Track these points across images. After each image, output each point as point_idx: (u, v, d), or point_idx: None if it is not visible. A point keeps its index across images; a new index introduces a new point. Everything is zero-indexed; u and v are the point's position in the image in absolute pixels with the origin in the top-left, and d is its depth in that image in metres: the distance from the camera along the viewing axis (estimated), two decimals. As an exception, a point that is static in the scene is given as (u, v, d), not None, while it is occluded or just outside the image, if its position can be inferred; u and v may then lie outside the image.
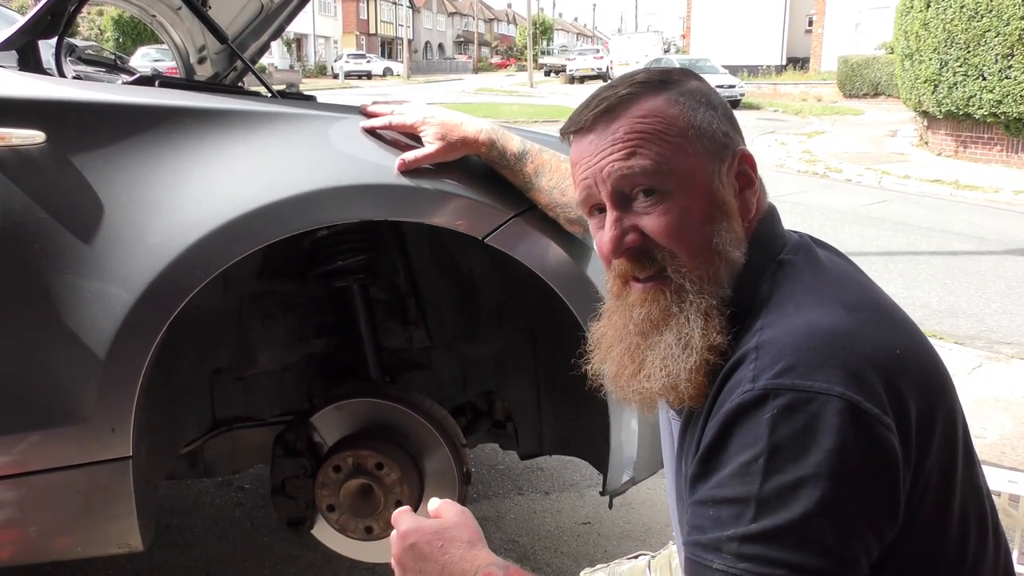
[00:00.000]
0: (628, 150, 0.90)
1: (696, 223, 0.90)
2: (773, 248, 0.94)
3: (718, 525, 0.80)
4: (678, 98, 0.93)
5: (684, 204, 0.90)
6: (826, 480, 0.76)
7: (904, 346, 0.85)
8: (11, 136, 1.36)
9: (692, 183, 0.91)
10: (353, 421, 1.73)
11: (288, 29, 2.73)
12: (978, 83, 10.10)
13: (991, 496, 0.94)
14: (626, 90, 0.93)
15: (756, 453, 0.79)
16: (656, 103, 0.92)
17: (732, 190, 0.94)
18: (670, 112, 0.92)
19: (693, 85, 0.96)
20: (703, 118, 0.93)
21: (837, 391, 0.78)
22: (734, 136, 0.96)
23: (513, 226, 1.49)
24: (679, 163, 0.90)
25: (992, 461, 2.65)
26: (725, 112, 0.96)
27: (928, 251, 6.27)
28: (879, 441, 0.78)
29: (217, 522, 2.34)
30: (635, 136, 0.90)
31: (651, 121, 0.91)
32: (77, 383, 1.38)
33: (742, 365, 0.84)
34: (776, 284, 0.90)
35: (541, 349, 1.86)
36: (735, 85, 21.60)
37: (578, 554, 2.18)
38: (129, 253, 1.38)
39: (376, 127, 1.51)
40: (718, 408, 0.84)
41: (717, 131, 0.93)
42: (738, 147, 0.95)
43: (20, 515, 1.44)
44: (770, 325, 0.85)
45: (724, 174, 0.93)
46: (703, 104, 0.94)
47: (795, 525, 0.76)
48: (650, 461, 1.66)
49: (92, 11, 25.95)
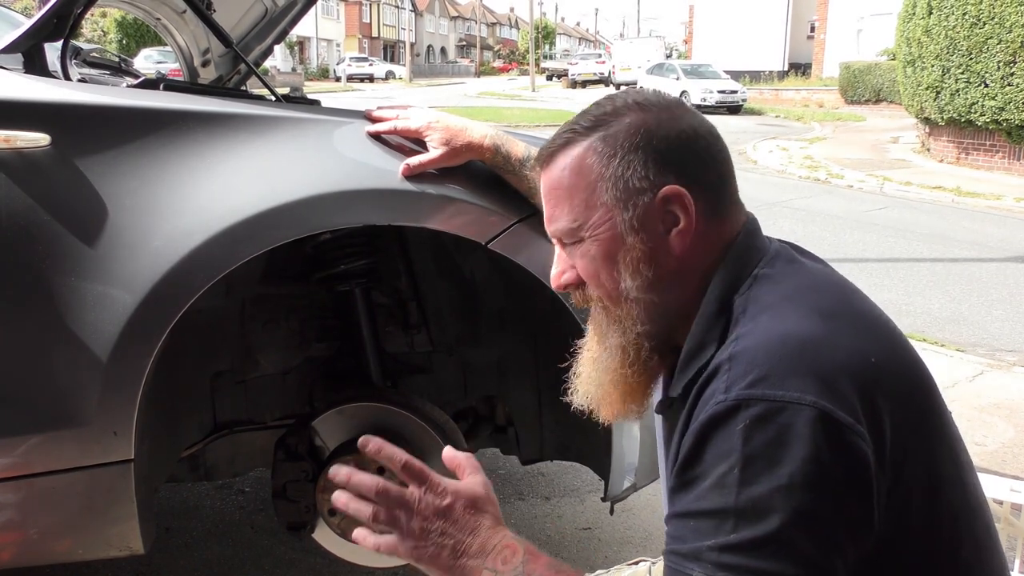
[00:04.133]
0: (550, 210, 0.98)
1: (604, 269, 0.95)
2: (748, 264, 0.94)
3: (698, 535, 0.81)
4: (598, 146, 0.94)
5: (594, 252, 0.96)
6: (800, 490, 0.77)
7: (880, 353, 0.85)
8: (16, 139, 1.36)
9: (599, 232, 0.95)
10: (355, 425, 1.72)
11: (291, 32, 2.73)
12: (980, 90, 10.11)
13: (987, 504, 0.94)
14: (563, 138, 0.97)
15: (731, 465, 0.79)
16: (576, 153, 0.95)
17: (653, 233, 0.93)
18: (585, 164, 0.95)
19: (624, 124, 0.94)
20: (617, 165, 0.93)
21: (809, 400, 0.78)
22: (659, 176, 0.92)
23: (516, 231, 1.49)
24: (588, 215, 0.95)
25: (994, 469, 2.65)
26: (657, 150, 0.93)
27: (929, 258, 6.27)
28: (851, 450, 0.79)
29: (217, 525, 2.34)
30: (555, 193, 0.98)
31: (567, 175, 0.96)
32: (79, 386, 1.38)
33: (716, 377, 0.84)
34: (751, 298, 0.90)
35: (542, 354, 1.86)
36: (737, 90, 21.64)
37: (579, 560, 2.18)
38: (132, 256, 1.38)
39: (380, 131, 1.51)
40: (694, 420, 0.85)
41: (632, 178, 0.92)
42: (661, 189, 0.92)
43: (21, 517, 1.44)
44: (744, 336, 0.86)
45: (638, 219, 0.92)
46: (623, 148, 0.93)
47: (773, 535, 0.77)
48: (651, 467, 1.66)
49: (95, 13, 25.98)
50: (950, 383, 3.58)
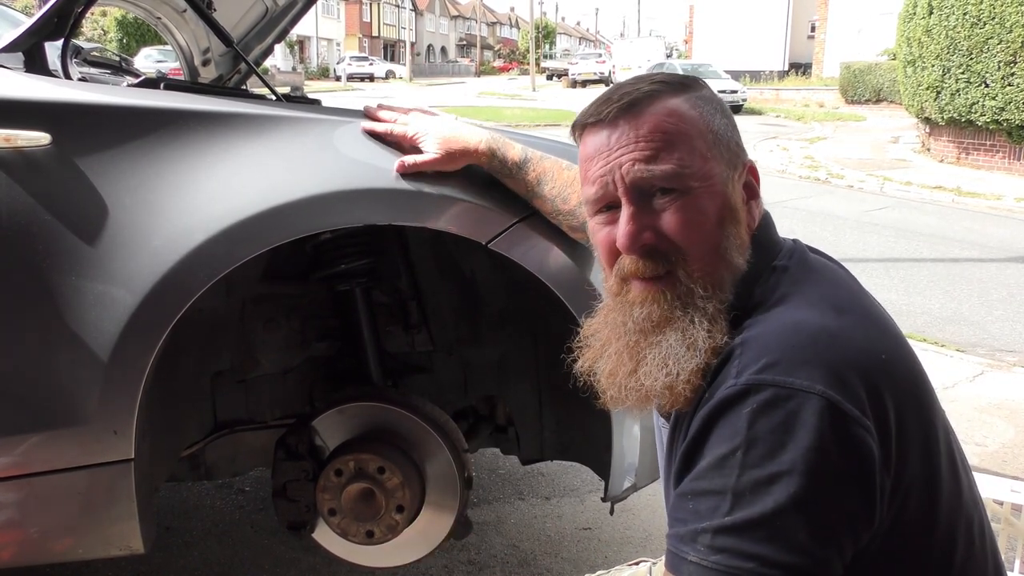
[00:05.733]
0: (652, 150, 0.90)
1: (710, 225, 0.91)
2: (769, 254, 0.96)
3: (696, 517, 0.81)
4: (697, 102, 0.94)
5: (701, 205, 0.91)
6: (801, 477, 0.77)
7: (890, 352, 0.86)
8: (17, 137, 1.36)
9: (710, 186, 0.91)
10: (355, 425, 1.72)
11: (291, 31, 2.73)
12: (980, 90, 10.11)
13: (983, 504, 0.94)
14: (648, 87, 0.93)
15: (734, 447, 0.80)
16: (678, 104, 0.93)
17: (741, 198, 0.95)
18: (691, 114, 0.92)
19: (708, 92, 0.98)
20: (720, 125, 0.94)
21: (818, 389, 0.78)
22: (743, 147, 0.98)
23: (517, 231, 1.49)
24: (699, 166, 0.91)
25: (994, 470, 2.65)
26: (733, 123, 0.98)
27: (930, 258, 6.27)
28: (857, 442, 0.79)
29: (217, 525, 2.34)
30: (659, 135, 0.91)
31: (674, 121, 0.91)
32: (80, 385, 1.38)
33: (728, 362, 0.85)
34: (769, 288, 0.91)
35: (543, 354, 1.86)
36: (737, 90, 21.61)
37: (579, 560, 2.18)
38: (133, 255, 1.38)
39: (377, 132, 1.51)
40: (703, 404, 0.85)
41: (731, 140, 0.95)
42: (747, 158, 0.98)
43: (21, 516, 1.44)
44: (757, 323, 0.87)
45: (736, 182, 0.95)
46: (719, 111, 0.96)
47: (767, 519, 0.77)
48: (652, 467, 1.66)
49: (96, 12, 25.98)
50: (950, 383, 3.58)
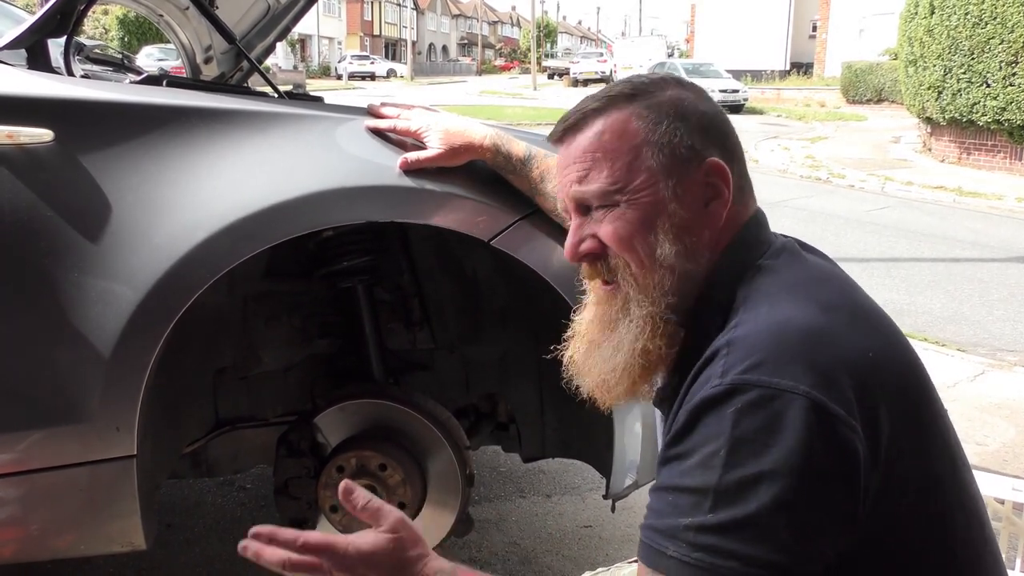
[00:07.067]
0: (583, 171, 0.96)
1: (640, 234, 0.94)
2: (754, 253, 0.95)
3: (676, 512, 0.81)
4: (642, 112, 0.95)
5: (630, 216, 0.94)
6: (784, 477, 0.77)
7: (879, 349, 0.85)
8: (20, 134, 1.36)
9: (638, 198, 0.94)
10: (356, 422, 1.73)
11: (293, 30, 2.73)
12: (982, 90, 10.10)
13: (983, 503, 0.94)
14: (595, 104, 0.97)
15: (718, 446, 0.80)
16: (617, 119, 0.95)
17: (693, 202, 0.94)
18: (629, 128, 0.95)
19: (667, 96, 0.96)
20: (666, 131, 0.94)
21: (802, 389, 0.78)
22: (703, 148, 0.95)
23: (519, 229, 1.49)
24: (630, 179, 0.94)
25: (995, 469, 2.65)
26: (700, 123, 0.96)
27: (931, 258, 6.27)
28: (842, 442, 0.79)
29: (219, 522, 2.34)
30: (588, 156, 0.95)
31: (607, 139, 0.95)
32: (82, 381, 1.39)
33: (713, 361, 0.85)
34: (753, 287, 0.91)
35: (544, 352, 1.86)
36: (738, 90, 21.61)
37: (579, 557, 2.18)
38: (135, 252, 1.38)
39: (380, 128, 1.51)
40: (687, 402, 0.86)
41: (678, 145, 0.94)
42: (706, 159, 0.95)
43: (23, 512, 1.44)
44: (743, 323, 0.86)
45: (681, 187, 0.94)
46: (669, 117, 0.95)
47: (750, 519, 0.77)
48: (653, 465, 1.66)
49: (97, 10, 25.99)
50: (951, 383, 3.58)
